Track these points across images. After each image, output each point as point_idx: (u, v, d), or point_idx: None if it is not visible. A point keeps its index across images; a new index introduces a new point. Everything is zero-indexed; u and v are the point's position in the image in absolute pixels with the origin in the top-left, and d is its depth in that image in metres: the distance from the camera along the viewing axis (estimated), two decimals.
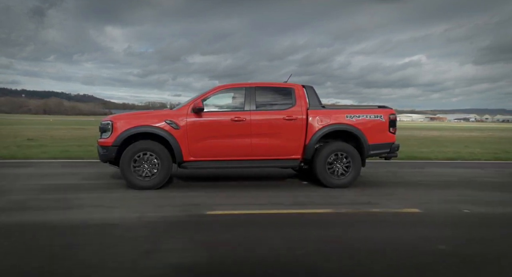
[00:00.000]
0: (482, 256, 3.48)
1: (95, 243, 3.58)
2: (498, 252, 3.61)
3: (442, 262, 3.27)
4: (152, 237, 3.76)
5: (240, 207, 5.04)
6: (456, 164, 10.49)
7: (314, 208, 5.11)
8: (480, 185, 7.11)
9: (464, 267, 3.22)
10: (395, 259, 3.34)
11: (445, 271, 3.10)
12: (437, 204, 5.44)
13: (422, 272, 3.08)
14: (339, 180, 6.49)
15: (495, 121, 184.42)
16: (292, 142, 6.44)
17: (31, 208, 4.85)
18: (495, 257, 3.48)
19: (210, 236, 3.85)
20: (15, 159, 9.65)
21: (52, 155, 10.34)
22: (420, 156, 11.66)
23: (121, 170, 5.98)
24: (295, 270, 3.05)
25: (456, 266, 3.22)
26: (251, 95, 6.42)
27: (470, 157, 12.16)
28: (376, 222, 4.53)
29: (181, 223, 4.32)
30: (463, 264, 3.27)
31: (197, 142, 6.14)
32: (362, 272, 3.07)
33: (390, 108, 6.98)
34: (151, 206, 5.00)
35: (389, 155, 6.82)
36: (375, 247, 3.62)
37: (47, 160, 9.53)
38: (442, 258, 3.35)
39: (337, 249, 3.57)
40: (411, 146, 14.69)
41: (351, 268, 3.13)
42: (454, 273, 3.08)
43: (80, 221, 4.29)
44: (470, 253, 3.53)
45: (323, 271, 3.05)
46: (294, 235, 3.93)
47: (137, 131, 6.00)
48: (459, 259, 3.38)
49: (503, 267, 3.30)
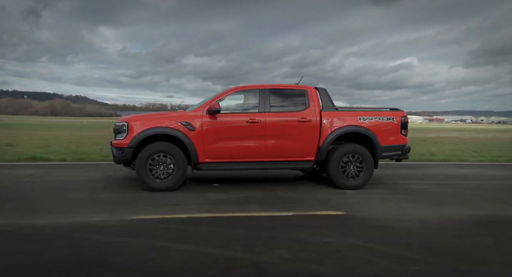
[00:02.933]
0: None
1: None
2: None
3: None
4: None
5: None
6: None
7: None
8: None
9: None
10: None
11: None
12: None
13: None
14: (352, 181, 6.52)
15: (491, 123, 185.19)
16: (306, 144, 6.49)
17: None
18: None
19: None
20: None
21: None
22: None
23: (136, 171, 6.00)
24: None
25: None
26: (265, 97, 6.48)
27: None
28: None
29: None
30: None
31: (212, 143, 6.18)
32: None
33: (402, 110, 7.02)
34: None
35: (400, 157, 6.86)
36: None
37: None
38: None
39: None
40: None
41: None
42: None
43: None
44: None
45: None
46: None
47: (153, 133, 6.03)
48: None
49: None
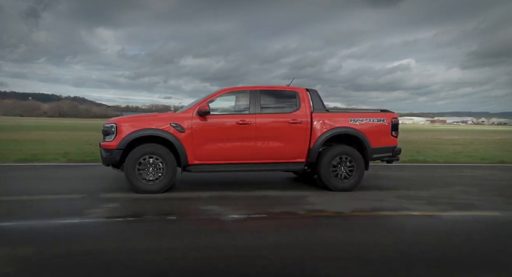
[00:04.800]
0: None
1: None
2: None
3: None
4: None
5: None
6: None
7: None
8: None
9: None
10: None
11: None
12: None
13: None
14: (342, 183, 6.49)
15: (491, 124, 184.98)
16: (297, 145, 6.46)
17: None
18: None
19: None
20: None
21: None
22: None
23: (125, 173, 5.98)
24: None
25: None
26: (256, 98, 6.46)
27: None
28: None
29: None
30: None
31: (202, 145, 6.16)
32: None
33: (393, 112, 6.98)
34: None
35: (391, 158, 6.83)
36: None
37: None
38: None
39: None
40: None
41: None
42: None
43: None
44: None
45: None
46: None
47: (142, 134, 6.01)
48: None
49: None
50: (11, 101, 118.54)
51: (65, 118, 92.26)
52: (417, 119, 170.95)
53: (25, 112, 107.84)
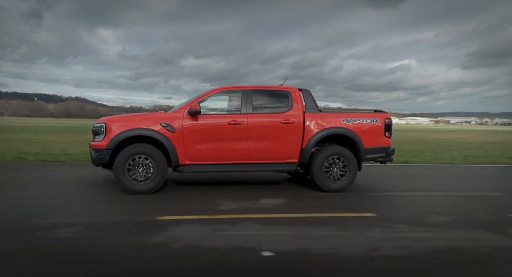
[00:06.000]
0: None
1: None
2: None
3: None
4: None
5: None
6: None
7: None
8: None
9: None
10: None
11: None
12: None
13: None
14: (335, 184, 6.41)
15: (495, 124, 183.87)
16: (289, 146, 6.39)
17: None
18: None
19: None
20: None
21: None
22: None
23: (115, 174, 5.92)
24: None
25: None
26: (247, 98, 6.38)
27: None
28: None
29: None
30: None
31: (193, 145, 6.09)
32: None
33: (386, 112, 6.88)
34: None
35: (384, 159, 6.74)
36: None
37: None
38: None
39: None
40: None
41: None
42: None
43: None
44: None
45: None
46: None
47: (132, 134, 5.94)
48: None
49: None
50: (17, 102, 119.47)
51: (71, 119, 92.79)
52: (421, 120, 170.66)
53: (32, 113, 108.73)
